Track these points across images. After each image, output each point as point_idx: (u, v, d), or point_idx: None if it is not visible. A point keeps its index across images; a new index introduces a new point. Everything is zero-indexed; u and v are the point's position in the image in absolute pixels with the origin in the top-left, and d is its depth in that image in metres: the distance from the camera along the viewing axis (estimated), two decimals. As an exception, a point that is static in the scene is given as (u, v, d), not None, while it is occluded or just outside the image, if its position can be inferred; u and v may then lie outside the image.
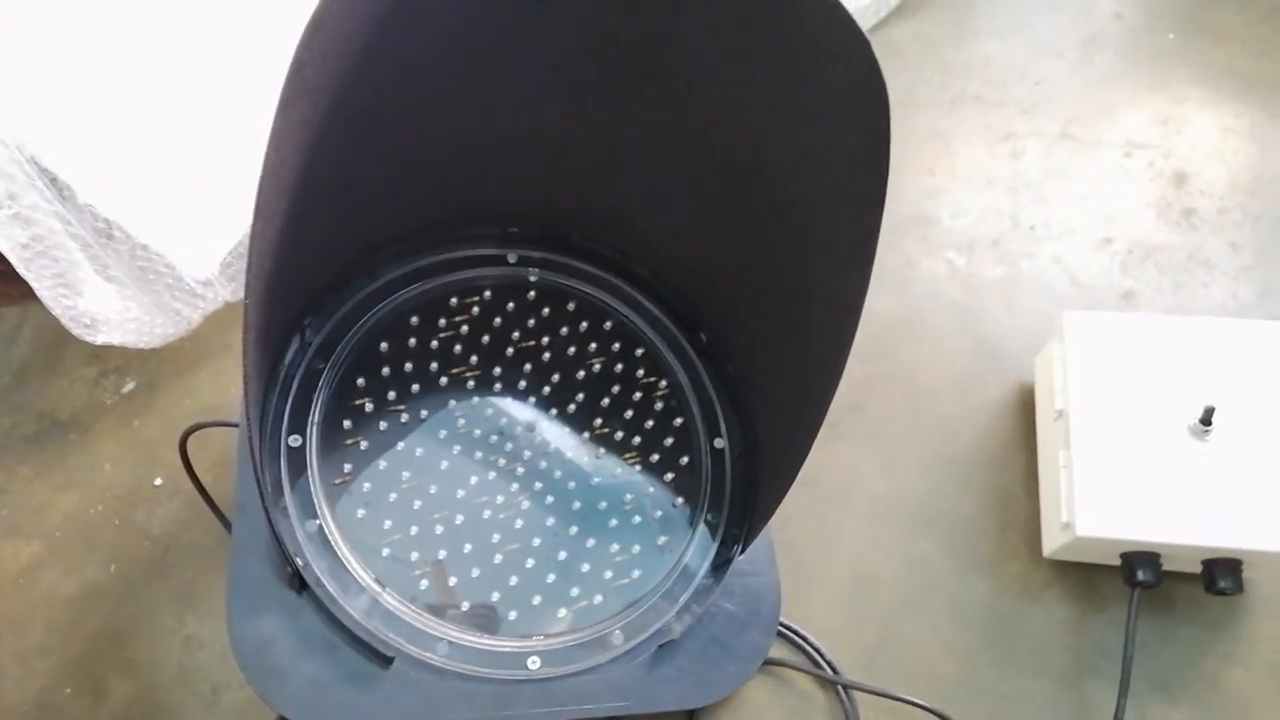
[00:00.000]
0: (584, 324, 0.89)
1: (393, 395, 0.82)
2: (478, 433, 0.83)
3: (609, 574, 0.80)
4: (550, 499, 0.82)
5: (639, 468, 0.85)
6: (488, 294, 0.88)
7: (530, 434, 0.84)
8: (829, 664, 0.87)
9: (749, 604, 0.81)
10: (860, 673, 0.87)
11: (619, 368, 0.88)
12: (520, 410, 0.85)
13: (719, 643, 0.79)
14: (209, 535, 0.97)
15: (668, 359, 0.90)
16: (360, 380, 0.81)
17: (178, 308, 0.99)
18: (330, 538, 0.74)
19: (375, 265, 0.86)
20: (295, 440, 0.77)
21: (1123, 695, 0.83)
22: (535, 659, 0.74)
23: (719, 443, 0.87)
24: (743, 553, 0.81)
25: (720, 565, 0.82)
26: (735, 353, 0.89)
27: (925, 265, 1.11)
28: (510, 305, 0.88)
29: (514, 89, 0.75)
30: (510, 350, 0.87)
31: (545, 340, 0.88)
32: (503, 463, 0.82)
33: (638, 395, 0.88)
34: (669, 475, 0.85)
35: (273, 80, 1.04)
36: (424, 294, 0.87)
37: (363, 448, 0.79)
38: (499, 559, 0.78)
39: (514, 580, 0.78)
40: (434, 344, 0.85)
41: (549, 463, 0.84)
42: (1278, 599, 0.91)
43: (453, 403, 0.84)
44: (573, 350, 0.88)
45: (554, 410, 0.86)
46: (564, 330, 0.89)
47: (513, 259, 0.91)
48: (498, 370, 0.86)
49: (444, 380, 0.84)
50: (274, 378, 0.79)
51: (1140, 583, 0.84)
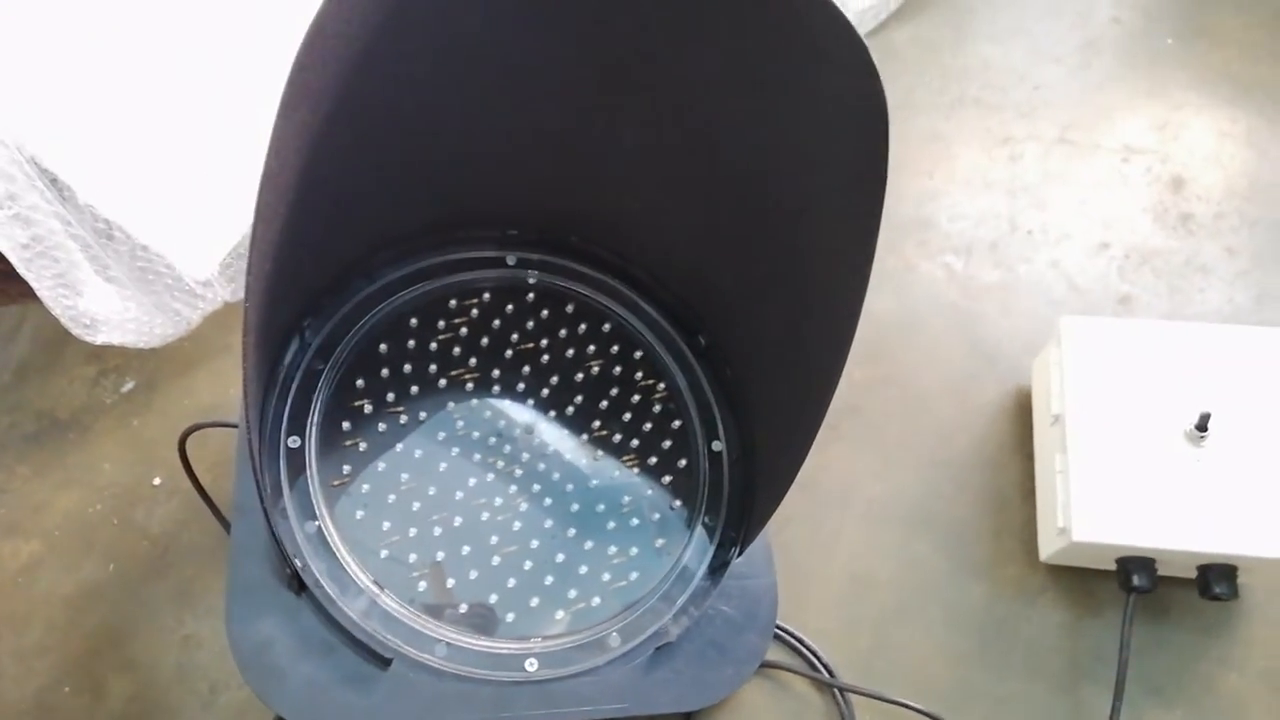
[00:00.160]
0: (583, 326, 0.89)
1: (391, 397, 0.82)
2: (476, 435, 0.83)
3: (607, 576, 0.80)
4: (548, 501, 0.82)
5: (637, 470, 0.85)
6: (487, 296, 0.88)
7: (529, 436, 0.84)
8: (825, 667, 0.87)
9: (746, 607, 0.81)
10: (856, 676, 0.88)
11: (617, 370, 0.88)
12: (519, 412, 0.85)
13: (716, 645, 0.79)
14: (208, 535, 0.97)
15: (666, 362, 0.90)
16: (359, 382, 0.81)
17: (177, 308, 0.99)
18: (329, 539, 0.75)
19: (374, 267, 0.86)
20: (294, 441, 0.77)
21: (1118, 700, 0.83)
22: (533, 661, 0.74)
23: (717, 445, 0.87)
24: (740, 555, 0.81)
25: (718, 568, 0.82)
26: (734, 356, 0.89)
27: (923, 268, 1.11)
28: (509, 307, 0.88)
29: (514, 92, 0.75)
30: (509, 352, 0.87)
31: (544, 342, 0.88)
32: (501, 465, 0.82)
33: (636, 398, 0.88)
34: (667, 478, 0.85)
35: (272, 82, 1.04)
36: (423, 296, 0.87)
37: (361, 449, 0.79)
38: (497, 561, 0.78)
39: (512, 582, 0.78)
40: (433, 346, 0.85)
41: (547, 465, 0.84)
42: (1272, 604, 0.91)
43: (451, 404, 0.84)
44: (571, 352, 0.88)
45: (552, 412, 0.86)
46: (563, 332, 0.89)
47: (512, 261, 0.91)
48: (496, 372, 0.86)
49: (443, 382, 0.84)
50: (273, 379, 0.79)
51: (1136, 588, 0.84)
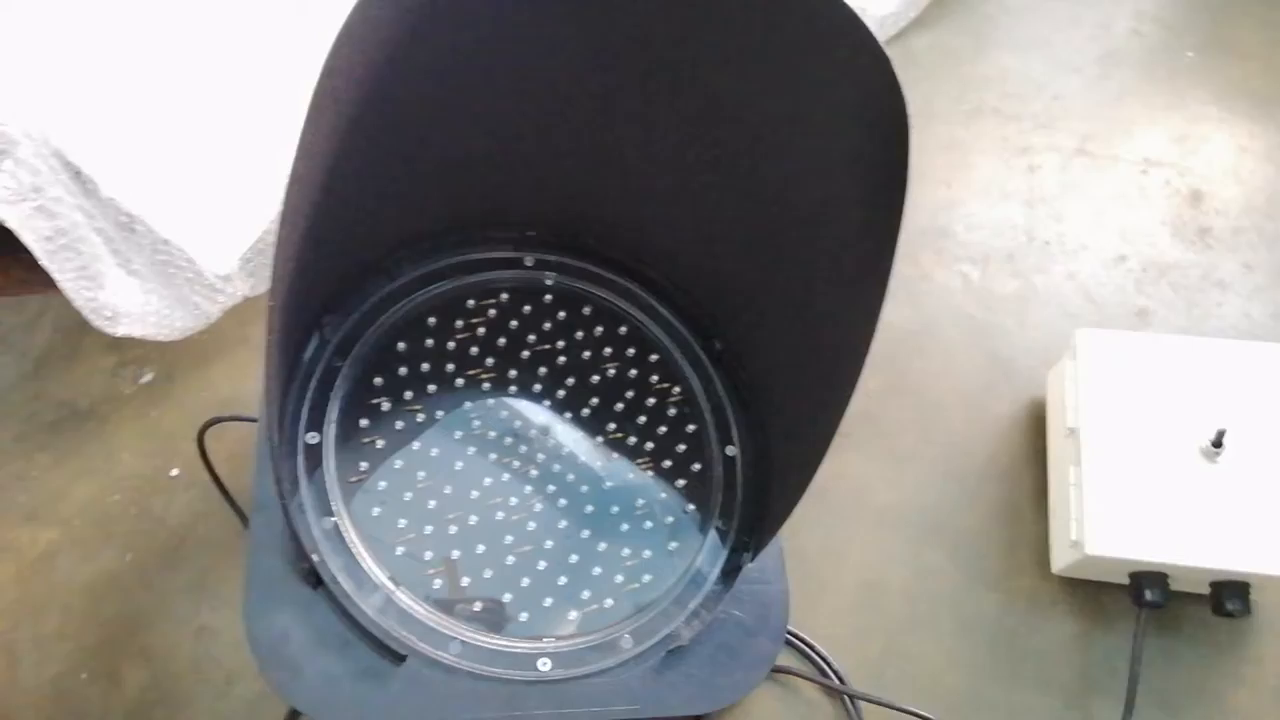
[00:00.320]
0: (599, 328, 0.90)
1: (409, 395, 0.82)
2: (493, 434, 0.83)
3: (620, 578, 0.80)
4: (563, 502, 0.82)
5: (651, 473, 0.85)
6: (505, 296, 0.89)
7: (544, 437, 0.85)
8: (836, 673, 0.87)
9: (758, 611, 0.81)
10: (866, 683, 0.88)
11: (633, 373, 0.89)
12: (535, 413, 0.86)
13: (727, 649, 0.79)
14: (224, 527, 0.98)
15: (682, 366, 0.90)
16: (378, 379, 0.82)
17: (197, 301, 1.00)
18: (346, 535, 0.75)
19: (394, 265, 0.86)
20: (313, 438, 0.78)
21: (1128, 714, 0.83)
22: (546, 660, 0.74)
23: (731, 450, 0.87)
24: (753, 560, 0.82)
25: (730, 572, 0.82)
26: (749, 361, 0.89)
27: (940, 277, 1.11)
28: (527, 308, 0.89)
29: (536, 97, 0.75)
30: (526, 353, 0.87)
31: (561, 344, 0.88)
32: (517, 465, 0.83)
33: (651, 401, 0.88)
34: (681, 481, 0.85)
35: (293, 81, 1.06)
36: (441, 295, 0.87)
37: (379, 446, 0.80)
38: (511, 560, 0.78)
39: (526, 581, 0.78)
40: (450, 345, 0.85)
41: (562, 466, 0.84)
42: (1285, 621, 0.91)
43: (468, 404, 0.84)
44: (588, 354, 0.88)
45: (568, 414, 0.86)
46: (579, 334, 0.89)
47: (530, 262, 0.91)
48: (513, 372, 0.86)
49: (460, 381, 0.85)
50: (293, 375, 0.79)
51: (1148, 603, 0.84)
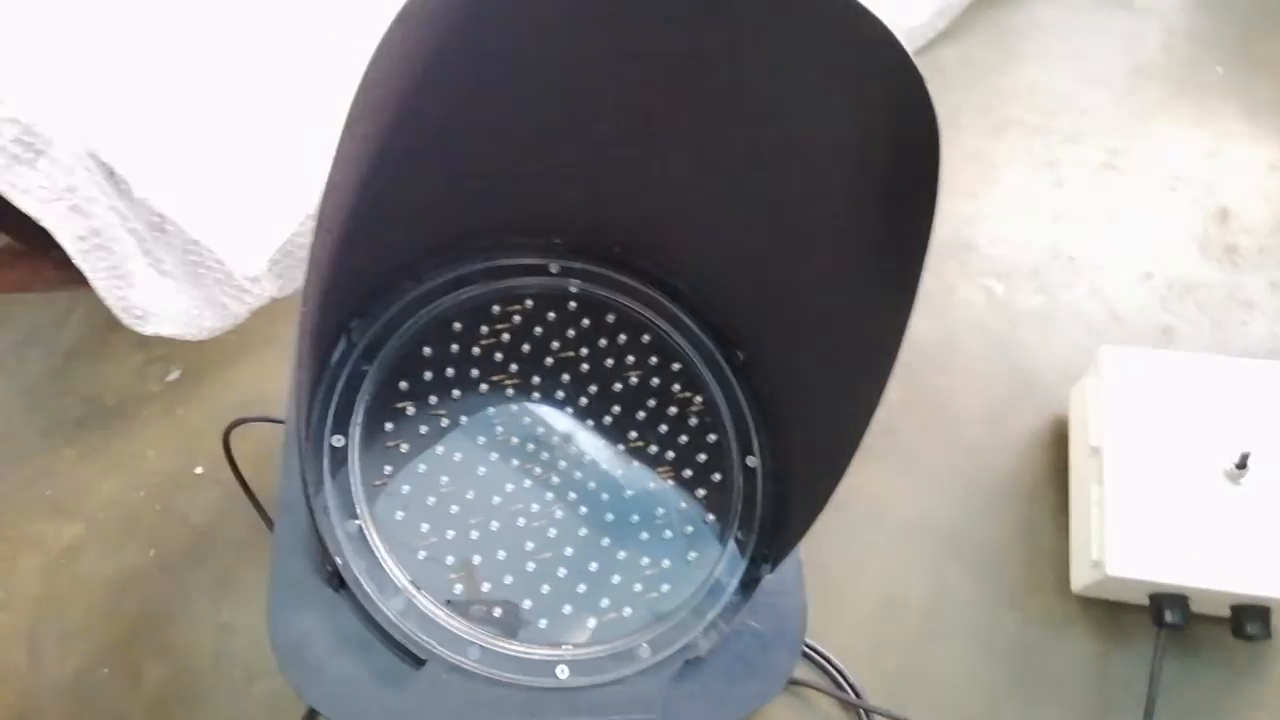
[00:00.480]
0: (622, 336, 0.90)
1: (434, 399, 0.83)
2: (515, 440, 0.84)
3: (639, 587, 0.80)
4: (584, 509, 0.82)
5: (672, 482, 0.86)
6: (529, 303, 0.89)
7: (566, 444, 0.85)
8: (852, 687, 0.87)
9: (775, 623, 0.81)
10: (882, 697, 0.88)
11: (655, 381, 0.89)
12: (557, 419, 0.86)
13: (744, 661, 0.79)
14: (247, 525, 0.99)
15: (704, 375, 0.90)
16: (403, 384, 0.82)
17: (225, 302, 1.01)
18: (369, 538, 0.75)
19: (421, 270, 0.87)
20: (338, 440, 0.79)
21: (1145, 734, 0.83)
22: (564, 668, 0.74)
23: (751, 461, 0.88)
24: (772, 572, 0.82)
25: (749, 583, 0.82)
26: (771, 372, 0.89)
27: (963, 291, 1.11)
28: (551, 315, 0.89)
29: (566, 107, 0.76)
30: (549, 360, 0.88)
31: (584, 351, 0.89)
32: (539, 471, 0.83)
33: (673, 410, 0.88)
34: (701, 491, 0.85)
35: (323, 86, 1.07)
36: (467, 300, 0.88)
37: (403, 450, 0.80)
38: (532, 567, 0.79)
39: (545, 588, 0.78)
40: (475, 350, 0.86)
41: (584, 473, 0.84)
42: (1305, 646, 0.91)
43: (492, 409, 0.84)
44: (610, 362, 0.89)
45: (590, 421, 0.87)
46: (603, 342, 0.89)
47: (555, 269, 0.92)
48: (537, 379, 0.87)
49: (484, 387, 0.85)
50: (320, 378, 0.80)
51: (1168, 624, 0.84)
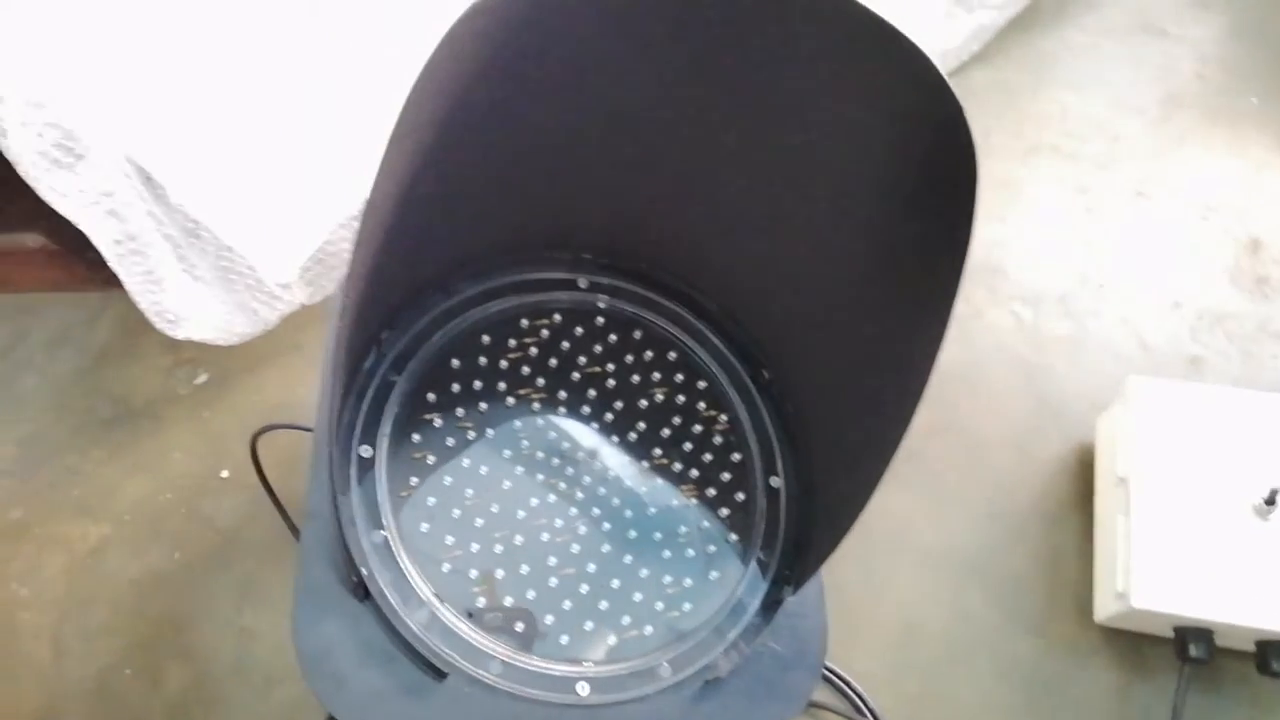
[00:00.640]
0: (649, 353, 0.90)
1: (461, 412, 0.83)
2: (540, 455, 0.84)
3: (660, 605, 0.80)
4: (607, 526, 0.83)
5: (695, 501, 0.86)
6: (557, 317, 0.90)
7: (591, 460, 0.85)
8: (871, 711, 0.87)
9: (796, 645, 0.80)
10: (902, 722, 0.88)
11: (681, 399, 0.89)
12: (583, 435, 0.86)
13: (764, 682, 0.79)
14: (271, 530, 0.99)
15: (729, 394, 0.90)
16: (431, 395, 0.83)
17: (256, 308, 1.02)
18: (394, 550, 0.76)
19: (450, 283, 0.88)
20: (366, 451, 0.79)
21: (1166, 768, 0.82)
22: (585, 685, 0.74)
23: (775, 481, 0.88)
24: (794, 594, 0.82)
25: (771, 605, 0.82)
26: (797, 393, 0.89)
27: (991, 316, 1.11)
28: (578, 330, 0.90)
29: (604, 125, 0.76)
30: (576, 375, 0.88)
31: (610, 367, 0.89)
32: (563, 486, 0.83)
33: (698, 428, 0.88)
34: (724, 510, 0.85)
35: (357, 97, 1.07)
36: (496, 313, 0.88)
37: (429, 462, 0.81)
38: (554, 582, 0.79)
39: (568, 604, 0.78)
40: (503, 364, 0.86)
41: (608, 490, 0.84)
42: (1331, 684, 0.90)
43: (518, 423, 0.85)
44: (636, 379, 0.89)
45: (615, 437, 0.87)
46: (629, 358, 0.90)
47: (583, 284, 0.92)
48: (563, 394, 0.87)
49: (511, 400, 0.86)
50: (349, 388, 0.81)
51: (1192, 658, 0.83)
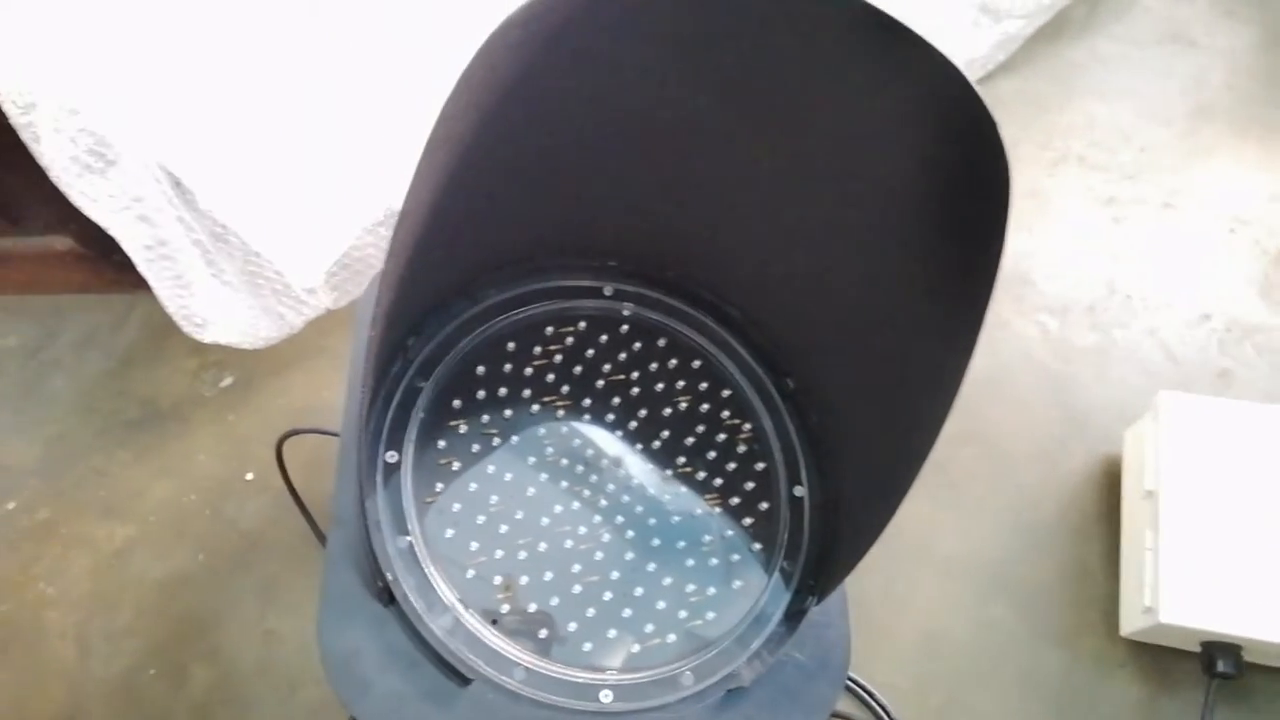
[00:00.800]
0: (673, 361, 0.90)
1: (486, 418, 0.84)
2: (565, 462, 0.84)
3: (683, 613, 0.80)
4: (630, 534, 0.83)
5: (718, 509, 0.86)
6: (582, 325, 0.90)
7: (615, 467, 0.86)
8: (894, 723, 0.87)
9: (819, 655, 0.80)
10: (925, 734, 0.87)
11: (705, 408, 0.89)
12: (607, 442, 0.87)
13: (787, 692, 0.78)
14: (295, 534, 1.00)
15: (753, 403, 0.90)
16: (456, 401, 0.83)
17: (282, 312, 1.03)
18: (419, 555, 0.76)
19: (476, 290, 0.88)
20: (392, 456, 0.80)
21: (1193, 785, 0.82)
22: (608, 693, 0.75)
23: (799, 491, 0.87)
24: (818, 604, 0.81)
25: (794, 615, 0.81)
26: (822, 403, 0.89)
27: (1017, 326, 1.10)
28: (603, 338, 0.90)
29: (636, 134, 0.77)
30: (601, 382, 0.88)
31: (635, 375, 0.89)
32: (587, 494, 0.84)
33: (721, 437, 0.88)
34: (748, 519, 0.85)
35: (384, 106, 1.08)
36: (522, 321, 0.89)
37: (454, 468, 0.81)
38: (578, 589, 0.79)
39: (591, 611, 0.79)
40: (528, 371, 0.87)
41: (631, 497, 0.85)
42: (1360, 701, 0.89)
43: (542, 430, 0.85)
44: (661, 387, 0.89)
45: (639, 445, 0.87)
46: (653, 366, 0.90)
47: (609, 292, 0.92)
48: (587, 401, 0.87)
49: (535, 407, 0.86)
50: (375, 394, 0.81)
51: (1219, 673, 0.82)
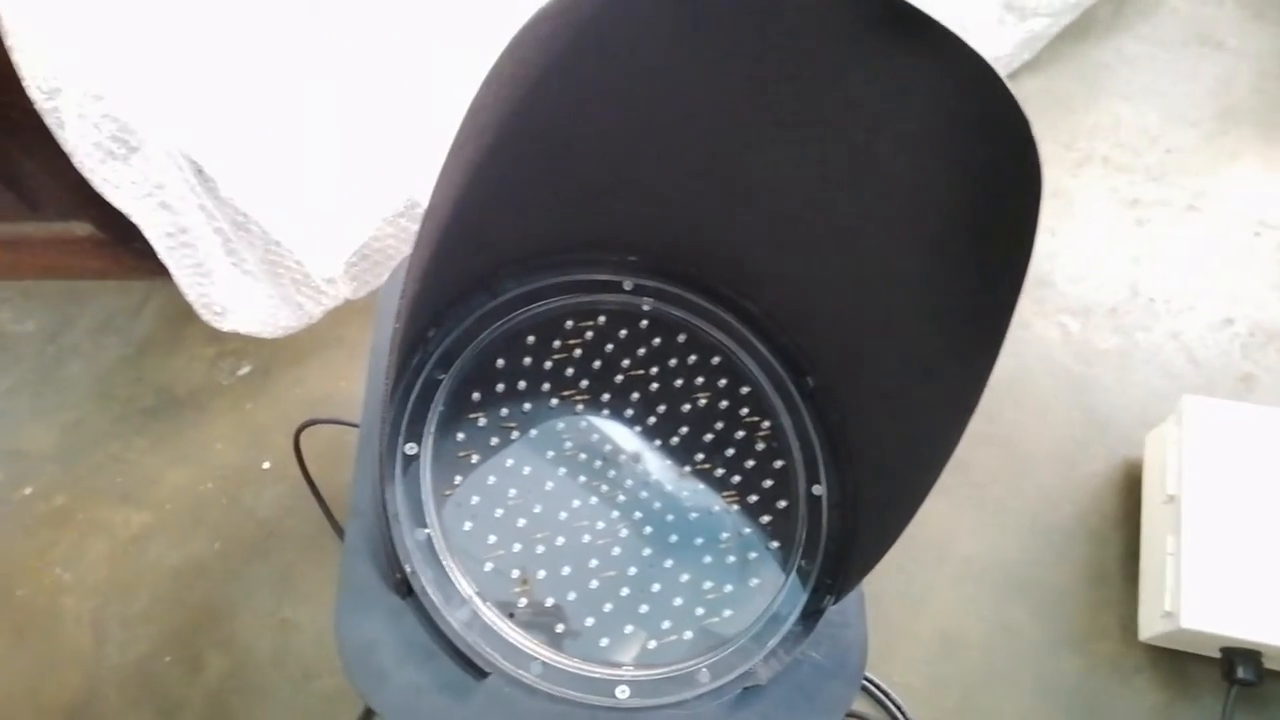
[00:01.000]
0: (693, 357, 0.90)
1: (505, 411, 0.83)
2: (583, 457, 0.84)
3: (700, 610, 0.80)
4: (648, 529, 0.83)
5: (737, 507, 0.85)
6: (602, 319, 0.90)
7: (633, 463, 0.85)
8: (910, 724, 0.87)
9: (835, 655, 0.80)
10: (940, 736, 0.87)
11: (724, 404, 0.89)
12: (625, 438, 0.86)
13: (802, 691, 0.78)
14: (311, 523, 1.00)
15: (772, 400, 0.90)
16: (475, 394, 0.83)
17: (301, 301, 1.03)
18: (437, 548, 0.76)
19: (496, 282, 0.88)
20: (411, 448, 0.80)
21: (1210, 793, 0.81)
22: (624, 688, 0.74)
23: (817, 490, 0.87)
24: (835, 604, 0.81)
25: (811, 614, 0.81)
26: (842, 402, 0.88)
27: (1038, 328, 1.09)
28: (623, 332, 0.90)
29: (664, 131, 0.76)
30: (620, 377, 0.88)
31: (654, 370, 0.89)
32: (605, 489, 0.83)
33: (740, 434, 0.88)
34: (765, 518, 0.85)
35: (402, 96, 1.08)
36: (541, 313, 0.89)
37: (473, 461, 0.81)
38: (595, 584, 0.79)
39: (608, 607, 0.78)
40: (547, 364, 0.87)
41: (649, 493, 0.84)
42: (1380, 711, 0.88)
43: (561, 425, 0.85)
44: (680, 383, 0.89)
45: (658, 441, 0.87)
46: (673, 362, 0.90)
47: (629, 286, 0.92)
48: (606, 396, 0.87)
49: (554, 401, 0.86)
50: (396, 386, 0.81)
51: (1239, 679, 0.82)
